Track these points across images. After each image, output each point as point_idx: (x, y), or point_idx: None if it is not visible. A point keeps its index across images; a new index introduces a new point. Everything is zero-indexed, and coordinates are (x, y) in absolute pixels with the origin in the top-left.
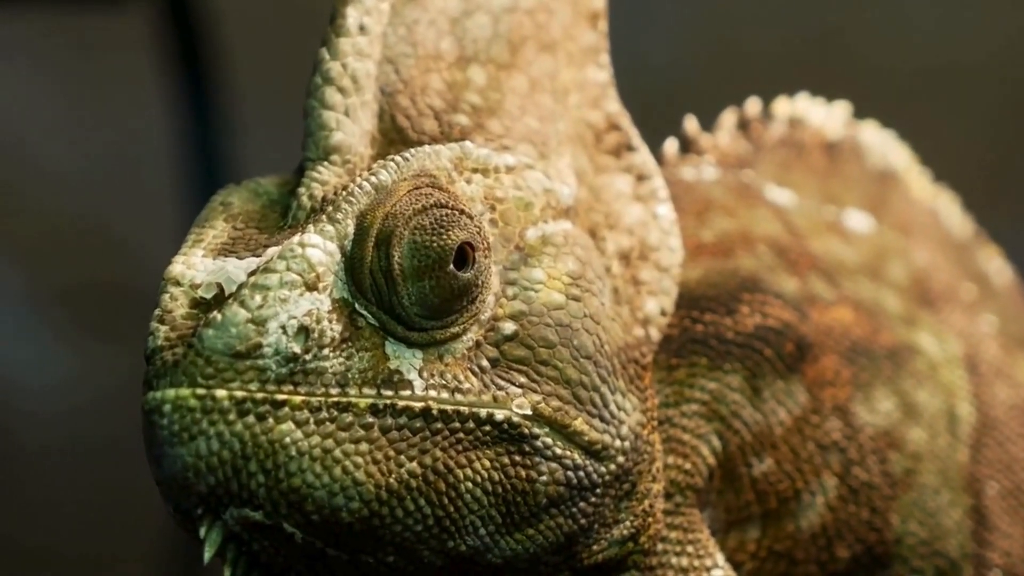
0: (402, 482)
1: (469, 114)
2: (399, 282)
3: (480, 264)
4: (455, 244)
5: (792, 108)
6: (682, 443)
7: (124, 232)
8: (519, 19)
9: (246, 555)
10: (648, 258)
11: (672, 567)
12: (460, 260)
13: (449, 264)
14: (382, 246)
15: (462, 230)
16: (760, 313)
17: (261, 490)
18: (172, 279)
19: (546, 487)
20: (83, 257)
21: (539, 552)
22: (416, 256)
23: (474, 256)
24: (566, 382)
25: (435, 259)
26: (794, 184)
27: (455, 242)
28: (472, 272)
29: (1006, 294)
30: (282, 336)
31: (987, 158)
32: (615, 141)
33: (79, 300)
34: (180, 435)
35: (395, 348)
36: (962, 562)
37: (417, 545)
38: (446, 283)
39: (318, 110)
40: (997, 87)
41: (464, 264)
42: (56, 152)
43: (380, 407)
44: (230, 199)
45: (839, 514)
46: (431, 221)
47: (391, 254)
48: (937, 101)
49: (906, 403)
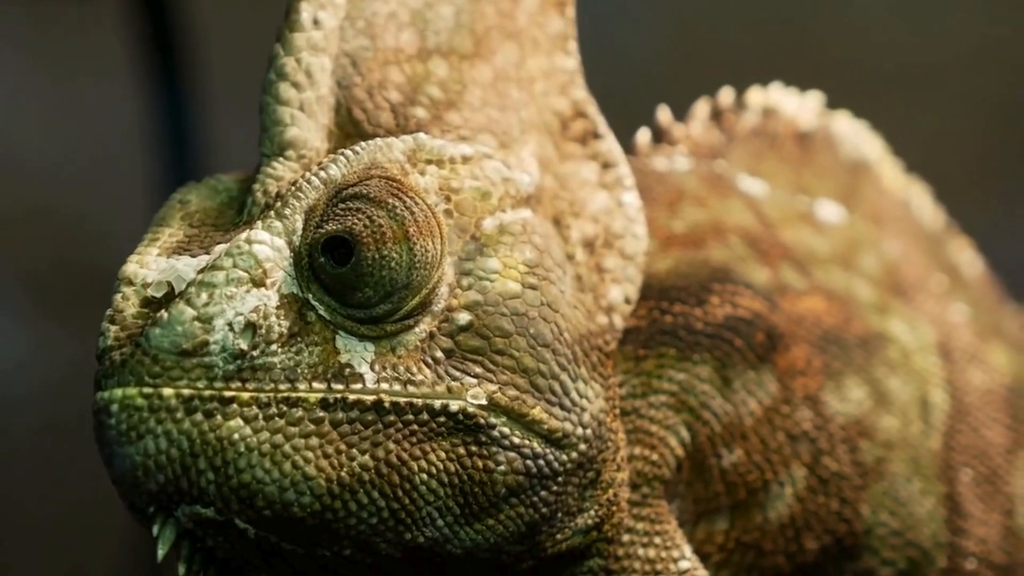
0: (354, 475)
1: (427, 106)
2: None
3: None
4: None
5: (765, 98)
6: (650, 434)
7: (92, 217)
8: (482, 8)
9: (201, 551)
10: (613, 246)
11: (639, 558)
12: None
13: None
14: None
15: (417, 207)
16: (730, 303)
17: (211, 487)
18: (125, 279)
19: (504, 476)
20: (49, 241)
21: (500, 542)
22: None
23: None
24: (523, 371)
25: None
26: (767, 174)
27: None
28: (434, 247)
29: (977, 285)
30: (229, 333)
31: (963, 152)
32: (581, 128)
33: (44, 283)
34: (128, 434)
35: (346, 341)
36: (935, 551)
37: (373, 538)
38: (411, 254)
39: (272, 106)
40: (972, 81)
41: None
42: (25, 137)
43: (331, 401)
44: (188, 197)
45: (808, 505)
46: (387, 198)
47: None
48: (911, 95)
49: (878, 391)
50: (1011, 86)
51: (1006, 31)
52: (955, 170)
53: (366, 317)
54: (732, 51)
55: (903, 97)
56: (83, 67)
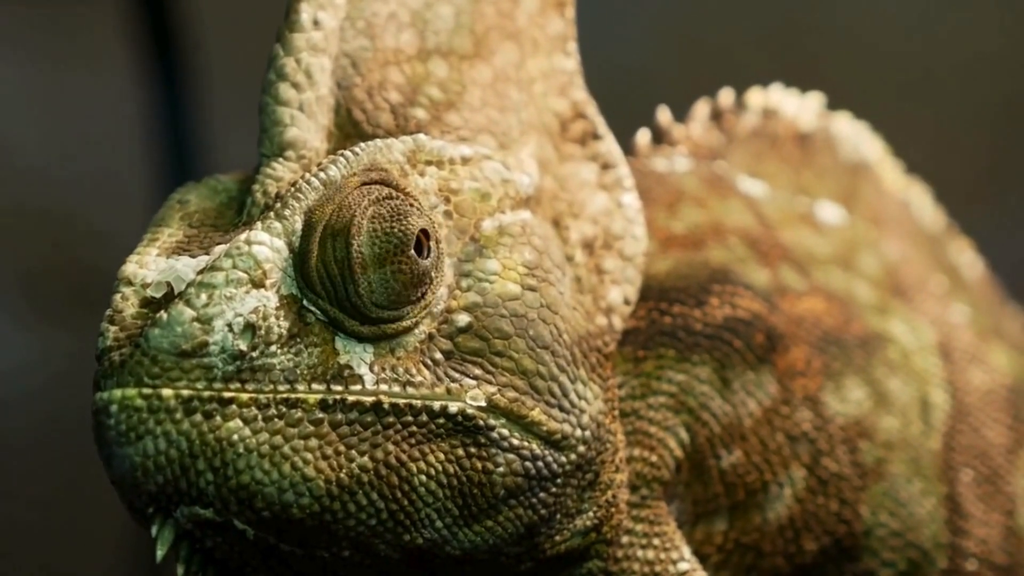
0: (353, 477)
1: (427, 107)
2: (358, 272)
3: (435, 253)
4: (415, 229)
5: (765, 99)
6: (649, 435)
7: (90, 217)
8: (482, 9)
9: (200, 552)
10: (612, 247)
11: (638, 560)
12: (418, 247)
13: (410, 249)
14: (338, 237)
15: (419, 217)
16: (730, 304)
17: (210, 488)
18: (124, 279)
19: (504, 478)
20: (46, 241)
21: (499, 543)
22: (376, 243)
23: (429, 245)
24: (522, 372)
25: (396, 245)
26: (767, 175)
27: (415, 227)
28: (431, 259)
29: (977, 286)
30: (228, 334)
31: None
32: (581, 129)
33: (40, 284)
34: (127, 435)
35: (345, 343)
36: (935, 552)
37: (372, 539)
38: (408, 268)
39: (272, 106)
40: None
41: (421, 251)
42: (23, 137)
43: (330, 402)
44: (187, 197)
45: (807, 506)
46: (388, 211)
47: (350, 243)
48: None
49: (878, 392)
50: (1012, 88)
51: (1006, 33)
52: (955, 171)
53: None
54: (733, 52)
55: (904, 99)
56: (82, 66)
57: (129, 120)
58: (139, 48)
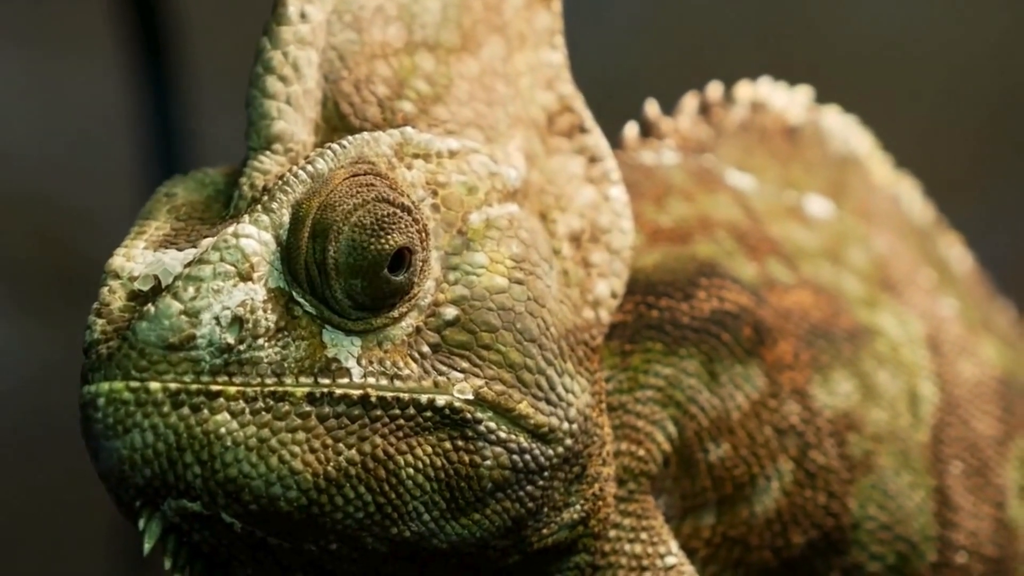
0: (340, 470)
1: (414, 100)
2: (332, 276)
3: (415, 266)
4: (392, 249)
5: (754, 92)
6: (636, 429)
7: (74, 207)
8: (469, 2)
9: (187, 546)
10: (599, 240)
11: (625, 554)
12: (396, 262)
13: (383, 269)
14: (318, 238)
15: (402, 233)
16: (717, 298)
17: (197, 481)
18: (112, 272)
19: (491, 471)
20: (29, 230)
21: (486, 536)
22: (352, 255)
23: (411, 260)
24: (510, 366)
25: (371, 262)
26: (755, 169)
27: (393, 247)
28: (405, 275)
29: (966, 280)
30: (216, 327)
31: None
32: (568, 123)
33: (23, 274)
34: (115, 428)
35: (332, 336)
36: (924, 545)
37: (359, 532)
38: (377, 285)
39: (259, 99)
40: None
41: (399, 267)
42: (7, 124)
43: (317, 395)
44: (174, 190)
45: (795, 499)
46: (372, 220)
47: (326, 248)
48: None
49: (866, 384)
50: (1001, 82)
51: (996, 27)
52: (945, 165)
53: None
54: (721, 46)
55: (893, 92)
56: (69, 55)
57: (115, 109)
58: (127, 37)
